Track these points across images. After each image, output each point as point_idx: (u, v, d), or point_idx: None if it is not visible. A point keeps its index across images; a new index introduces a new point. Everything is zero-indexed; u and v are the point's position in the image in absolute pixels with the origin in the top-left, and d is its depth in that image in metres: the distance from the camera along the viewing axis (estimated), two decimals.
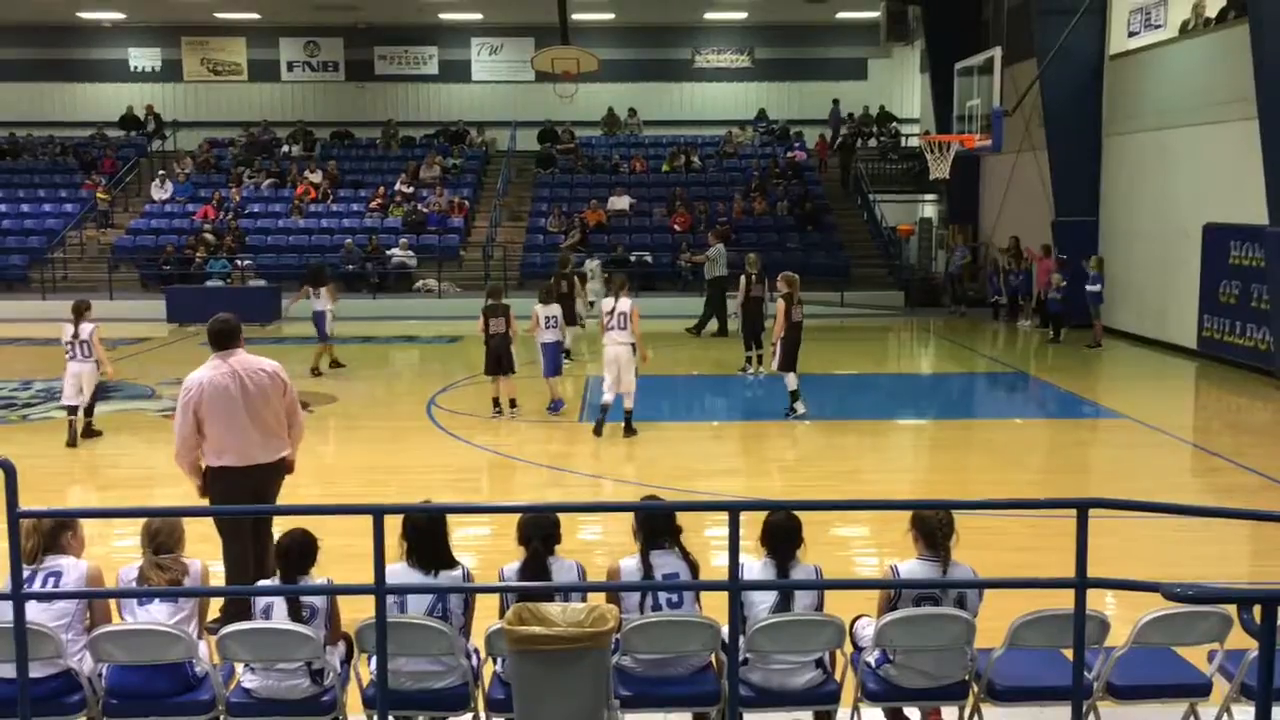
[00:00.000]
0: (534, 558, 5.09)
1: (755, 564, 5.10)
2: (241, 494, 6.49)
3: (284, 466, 6.81)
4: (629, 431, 12.42)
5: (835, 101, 31.90)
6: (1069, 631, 4.71)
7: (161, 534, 5.10)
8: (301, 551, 5.07)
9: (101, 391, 13.26)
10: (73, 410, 12.06)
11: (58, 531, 5.04)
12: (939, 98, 24.98)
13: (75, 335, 11.92)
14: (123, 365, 16.91)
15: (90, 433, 12.44)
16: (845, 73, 32.57)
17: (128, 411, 13.95)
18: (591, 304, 19.15)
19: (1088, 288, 19.33)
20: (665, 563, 5.15)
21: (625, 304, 12.44)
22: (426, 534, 5.07)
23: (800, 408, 13.34)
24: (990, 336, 21.90)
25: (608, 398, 12.48)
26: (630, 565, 5.17)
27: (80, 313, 12.09)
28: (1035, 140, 22.32)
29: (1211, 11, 18.26)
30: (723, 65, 33.27)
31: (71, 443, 12.01)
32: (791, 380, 13.31)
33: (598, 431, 12.39)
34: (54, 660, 4.78)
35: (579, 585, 5.10)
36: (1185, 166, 18.33)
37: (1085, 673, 4.80)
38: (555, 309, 13.81)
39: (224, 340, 6.69)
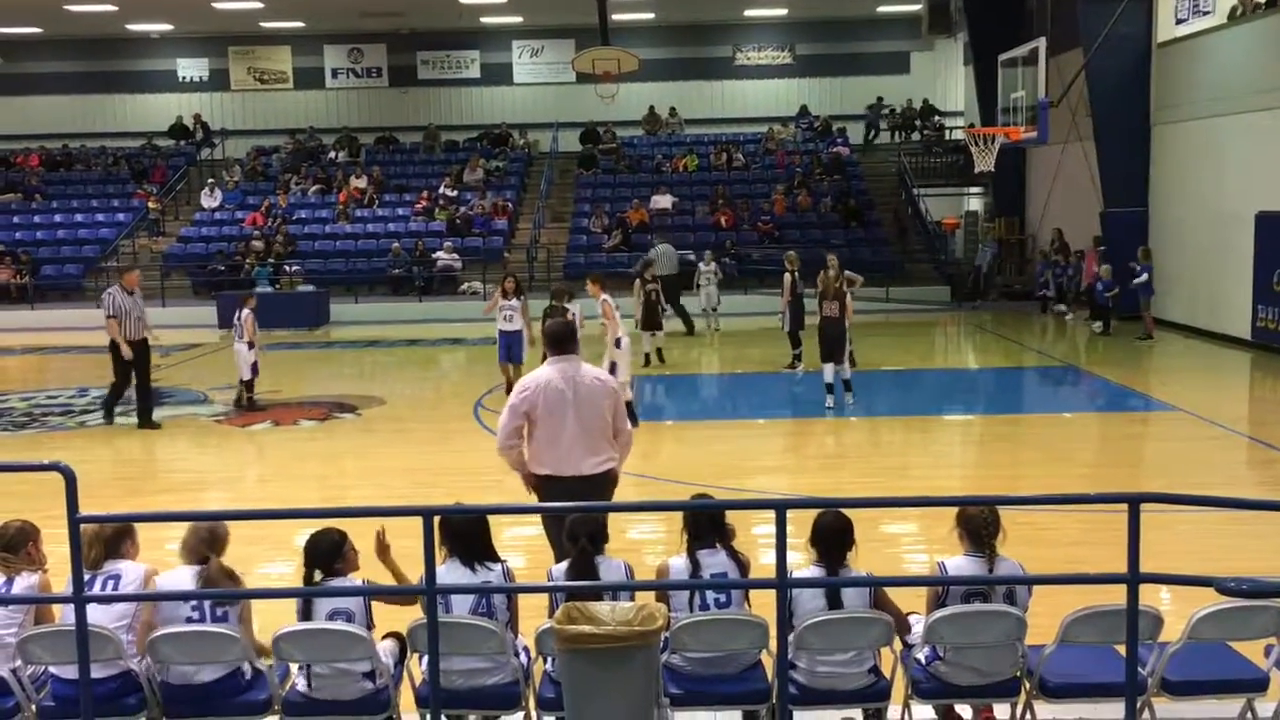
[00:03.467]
0: (581, 557, 5.11)
1: (805, 571, 5.07)
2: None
3: (610, 479, 6.49)
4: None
5: (879, 99, 31.73)
6: (1122, 627, 4.66)
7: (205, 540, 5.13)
8: (317, 551, 5.05)
9: (156, 396, 13.78)
10: (244, 382, 14.53)
11: (119, 538, 5.13)
12: (983, 90, 24.78)
13: (239, 319, 14.43)
14: (175, 371, 17.22)
15: (250, 404, 14.50)
16: (887, 67, 32.36)
17: (181, 417, 14.16)
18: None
19: (1135, 280, 19.10)
20: (714, 562, 5.15)
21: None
22: (465, 532, 5.12)
23: (829, 401, 13.53)
24: (1038, 330, 21.68)
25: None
26: (679, 564, 5.18)
27: (242, 302, 14.74)
28: (1082, 131, 22.06)
29: None
30: (764, 62, 33.18)
31: (237, 403, 14.55)
32: (827, 372, 13.55)
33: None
34: (114, 661, 4.87)
35: (625, 584, 5.12)
36: (1236, 154, 18.04)
37: (1139, 668, 4.75)
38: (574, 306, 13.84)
39: (562, 343, 6.49)
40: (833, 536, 5.05)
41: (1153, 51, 20.68)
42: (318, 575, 5.06)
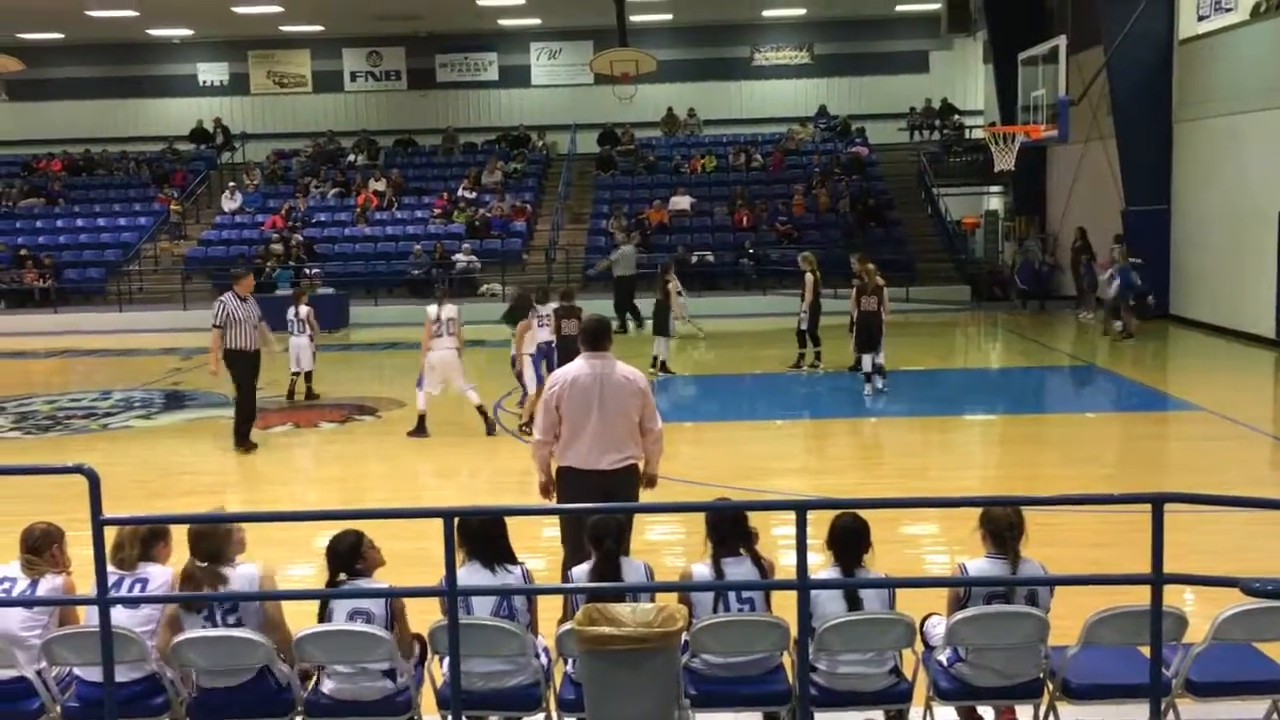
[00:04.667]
0: (605, 559, 5.10)
1: (823, 574, 5.05)
2: (587, 498, 6.19)
3: (633, 474, 6.55)
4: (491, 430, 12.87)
5: (911, 109, 31.57)
6: (1145, 628, 4.64)
7: (203, 541, 5.06)
8: (337, 553, 5.04)
9: (179, 399, 13.81)
10: (295, 375, 14.92)
11: (152, 541, 5.15)
12: (1003, 89, 24.66)
13: (296, 315, 14.78)
14: (197, 374, 17.28)
15: (311, 395, 15.03)
16: (906, 66, 32.26)
17: (202, 419, 14.23)
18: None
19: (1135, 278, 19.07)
20: (738, 571, 5.11)
21: (453, 310, 12.92)
22: (481, 534, 5.13)
23: (868, 388, 14.38)
24: (1058, 330, 21.57)
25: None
26: (702, 571, 5.15)
27: (298, 298, 15.25)
28: (1103, 129, 21.93)
29: None
30: (782, 62, 33.12)
31: (290, 396, 14.92)
32: (866, 362, 14.53)
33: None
34: (139, 663, 4.89)
35: (645, 586, 5.11)
36: (1259, 151, 17.91)
37: (1163, 670, 4.72)
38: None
39: (596, 339, 6.56)
40: (848, 539, 5.03)
41: (1174, 49, 20.54)
42: (341, 576, 5.07)
